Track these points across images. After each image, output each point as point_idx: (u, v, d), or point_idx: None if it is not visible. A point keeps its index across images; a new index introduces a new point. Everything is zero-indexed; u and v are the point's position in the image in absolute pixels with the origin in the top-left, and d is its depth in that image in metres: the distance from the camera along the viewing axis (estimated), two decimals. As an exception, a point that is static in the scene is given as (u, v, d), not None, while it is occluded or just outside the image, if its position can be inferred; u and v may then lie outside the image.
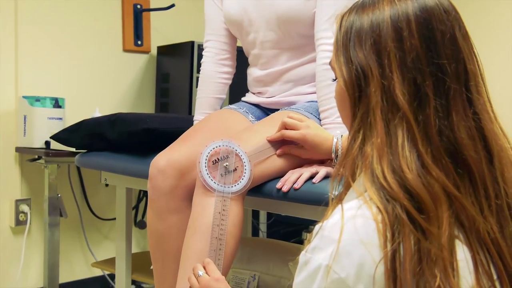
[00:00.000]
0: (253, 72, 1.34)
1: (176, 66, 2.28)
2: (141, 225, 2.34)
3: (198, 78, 1.40)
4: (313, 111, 1.20)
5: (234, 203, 1.02)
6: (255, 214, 2.48)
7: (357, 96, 0.66)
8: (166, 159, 1.11)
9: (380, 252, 0.58)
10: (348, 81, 0.67)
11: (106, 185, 2.11)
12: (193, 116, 1.38)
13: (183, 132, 1.22)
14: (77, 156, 1.54)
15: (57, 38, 2.14)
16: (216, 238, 1.00)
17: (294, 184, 1.03)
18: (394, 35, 0.64)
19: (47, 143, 1.91)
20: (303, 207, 1.04)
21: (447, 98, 0.64)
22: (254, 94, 1.36)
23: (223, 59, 1.35)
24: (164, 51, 2.36)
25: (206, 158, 1.01)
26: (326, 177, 1.04)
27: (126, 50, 2.34)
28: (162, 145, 1.19)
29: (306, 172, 1.04)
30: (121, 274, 1.56)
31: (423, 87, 0.63)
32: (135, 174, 1.35)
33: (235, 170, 1.02)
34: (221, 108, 1.37)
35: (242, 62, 1.41)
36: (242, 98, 1.39)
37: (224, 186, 1.01)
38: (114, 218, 1.71)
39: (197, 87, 1.39)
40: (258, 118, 1.29)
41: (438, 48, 0.64)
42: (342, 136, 1.03)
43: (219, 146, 1.02)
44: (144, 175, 1.20)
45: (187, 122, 1.35)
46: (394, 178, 0.61)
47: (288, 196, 1.03)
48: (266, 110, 1.33)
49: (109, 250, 2.28)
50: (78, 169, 2.17)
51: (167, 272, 1.13)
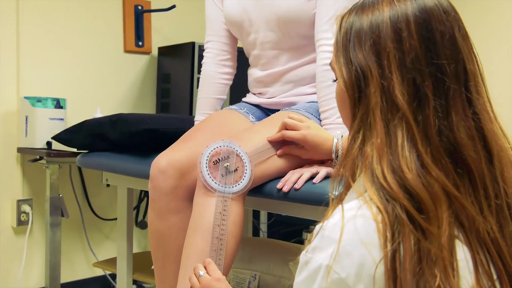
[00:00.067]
0: (253, 72, 1.34)
1: (177, 66, 2.28)
2: (142, 225, 2.34)
3: (199, 78, 1.40)
4: (313, 112, 1.20)
5: (235, 203, 1.02)
6: (256, 214, 2.48)
7: (356, 96, 0.66)
8: (167, 160, 1.11)
9: (380, 252, 0.58)
10: (347, 81, 0.67)
11: (107, 185, 2.11)
12: (193, 116, 1.38)
13: (184, 132, 1.22)
14: (78, 156, 1.54)
15: (58, 39, 2.14)
16: (217, 238, 1.00)
17: (294, 184, 1.03)
18: (394, 36, 0.64)
19: (49, 144, 1.92)
20: (304, 207, 1.04)
21: (447, 98, 0.64)
22: (254, 94, 1.37)
23: (224, 60, 1.35)
24: (165, 52, 2.37)
25: (207, 159, 1.01)
26: (327, 177, 1.04)
27: (127, 51, 2.34)
28: (163, 145, 1.19)
29: (306, 172, 1.04)
30: (122, 274, 1.57)
31: (423, 88, 0.63)
32: (136, 174, 1.35)
33: (236, 170, 1.02)
34: (221, 108, 1.37)
35: (242, 62, 1.41)
36: (243, 99, 1.39)
37: (225, 186, 1.01)
38: (115, 218, 1.71)
39: (197, 88, 1.40)
40: (259, 119, 1.29)
41: (437, 48, 0.64)
42: (342, 136, 1.03)
43: (220, 146, 1.02)
44: (145, 176, 1.20)
45: (188, 123, 1.35)
46: (394, 178, 0.61)
47: (288, 196, 1.03)
48: (267, 111, 1.33)
49: (110, 250, 2.28)
50: (80, 169, 2.17)
51: (168, 272, 1.13)
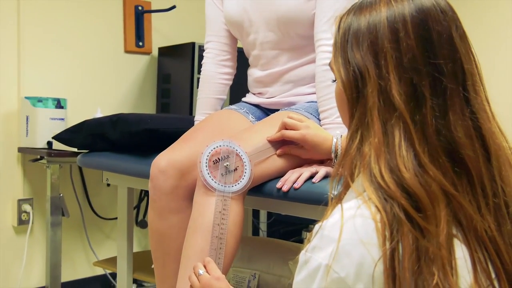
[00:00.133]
0: (253, 72, 1.34)
1: (177, 67, 2.28)
2: (142, 224, 2.35)
3: (199, 79, 1.40)
4: (313, 112, 1.20)
5: (235, 203, 1.02)
6: (256, 214, 2.48)
7: (354, 96, 0.66)
8: (167, 159, 1.11)
9: (379, 251, 0.58)
10: (346, 82, 0.67)
11: (108, 185, 2.11)
12: (193, 116, 1.39)
13: (184, 132, 1.23)
14: (79, 156, 1.55)
15: (59, 39, 2.14)
16: (216, 237, 1.00)
17: (294, 183, 1.03)
18: (391, 36, 0.64)
19: (49, 144, 1.92)
20: (303, 207, 1.05)
21: (444, 97, 0.64)
22: (254, 94, 1.37)
23: (224, 60, 1.36)
24: (165, 52, 2.37)
25: (206, 158, 1.02)
26: (326, 176, 1.04)
27: (127, 51, 2.35)
28: (163, 145, 1.19)
29: (306, 171, 1.04)
30: (122, 273, 1.57)
31: (420, 87, 0.63)
32: (137, 174, 1.35)
33: (236, 169, 1.02)
34: (221, 108, 1.38)
35: (242, 63, 1.41)
36: (243, 99, 1.40)
37: (224, 186, 1.01)
38: (116, 218, 1.72)
39: (198, 88, 1.40)
40: (258, 119, 1.29)
41: (434, 48, 0.64)
42: (341, 136, 1.03)
43: (220, 146, 1.02)
44: (145, 175, 1.20)
45: (188, 123, 1.36)
46: (391, 177, 0.61)
47: (288, 195, 1.04)
48: (266, 111, 1.34)
49: (110, 249, 2.28)
50: (80, 169, 2.17)
51: (168, 271, 1.13)
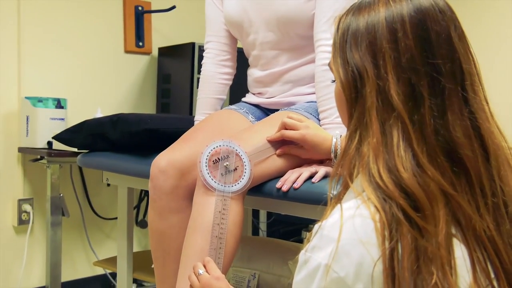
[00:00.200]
0: (253, 73, 1.34)
1: (177, 67, 2.29)
2: (142, 224, 2.35)
3: (199, 79, 1.41)
4: (312, 112, 1.20)
5: (234, 202, 1.02)
6: (255, 213, 2.48)
7: (353, 97, 0.66)
8: (167, 159, 1.11)
9: (378, 251, 0.59)
10: (344, 82, 0.67)
11: (108, 184, 2.11)
12: (193, 116, 1.39)
13: (184, 132, 1.23)
14: (79, 156, 1.55)
15: (59, 39, 2.15)
16: (216, 237, 1.00)
17: (293, 183, 1.03)
18: (389, 36, 0.65)
19: (50, 144, 1.92)
20: (303, 207, 1.05)
21: (443, 97, 0.64)
22: (254, 94, 1.37)
23: (224, 60, 1.36)
24: (165, 52, 2.37)
25: (206, 158, 1.02)
26: (325, 176, 1.04)
27: (127, 51, 2.35)
28: (163, 145, 1.19)
29: (305, 171, 1.05)
30: (122, 273, 1.57)
31: (418, 87, 0.63)
32: (137, 174, 1.36)
33: (236, 169, 1.02)
34: (221, 108, 1.38)
35: (242, 63, 1.42)
36: (242, 99, 1.40)
37: (224, 186, 1.01)
38: (116, 218, 1.72)
39: (197, 88, 1.40)
40: (258, 119, 1.29)
41: (433, 48, 0.64)
42: (341, 136, 1.03)
43: (220, 146, 1.02)
44: (145, 175, 1.20)
45: (188, 123, 1.36)
46: (389, 177, 0.61)
47: (287, 195, 1.04)
48: (266, 111, 1.34)
49: (110, 249, 2.29)
50: (80, 169, 2.18)
51: (168, 270, 1.13)
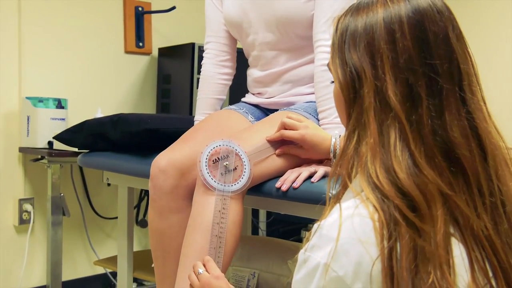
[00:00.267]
0: (252, 73, 1.35)
1: (177, 67, 2.29)
2: (142, 224, 2.35)
3: (198, 79, 1.41)
4: (311, 112, 1.21)
5: (234, 202, 1.03)
6: (255, 213, 2.49)
7: (352, 97, 0.67)
8: (167, 159, 1.12)
9: (377, 250, 0.59)
10: (343, 82, 0.68)
11: (108, 184, 2.12)
12: (193, 116, 1.39)
13: (184, 132, 1.23)
14: (79, 156, 1.55)
15: (60, 39, 2.15)
16: (216, 236, 1.00)
17: (293, 183, 1.03)
18: (387, 37, 0.65)
19: (50, 143, 1.93)
20: (302, 206, 1.05)
21: (440, 98, 0.64)
22: (253, 94, 1.37)
23: (223, 61, 1.36)
24: (165, 53, 2.38)
25: (206, 158, 1.02)
26: (325, 176, 1.04)
27: (127, 51, 2.35)
28: (163, 145, 1.19)
29: (304, 171, 1.05)
30: (123, 272, 1.57)
31: (416, 88, 0.64)
32: (137, 173, 1.36)
33: (235, 169, 1.02)
34: (221, 108, 1.38)
35: (242, 63, 1.42)
36: (242, 99, 1.40)
37: (224, 185, 1.02)
38: (116, 217, 1.73)
39: (197, 88, 1.41)
40: (258, 119, 1.30)
41: (430, 48, 0.65)
42: (340, 136, 1.04)
43: (219, 145, 1.03)
44: (145, 175, 1.21)
45: (188, 123, 1.36)
46: (386, 177, 0.62)
47: (287, 195, 1.04)
48: (266, 111, 1.34)
49: (111, 249, 2.29)
50: (81, 168, 2.18)
51: (168, 270, 1.14)
